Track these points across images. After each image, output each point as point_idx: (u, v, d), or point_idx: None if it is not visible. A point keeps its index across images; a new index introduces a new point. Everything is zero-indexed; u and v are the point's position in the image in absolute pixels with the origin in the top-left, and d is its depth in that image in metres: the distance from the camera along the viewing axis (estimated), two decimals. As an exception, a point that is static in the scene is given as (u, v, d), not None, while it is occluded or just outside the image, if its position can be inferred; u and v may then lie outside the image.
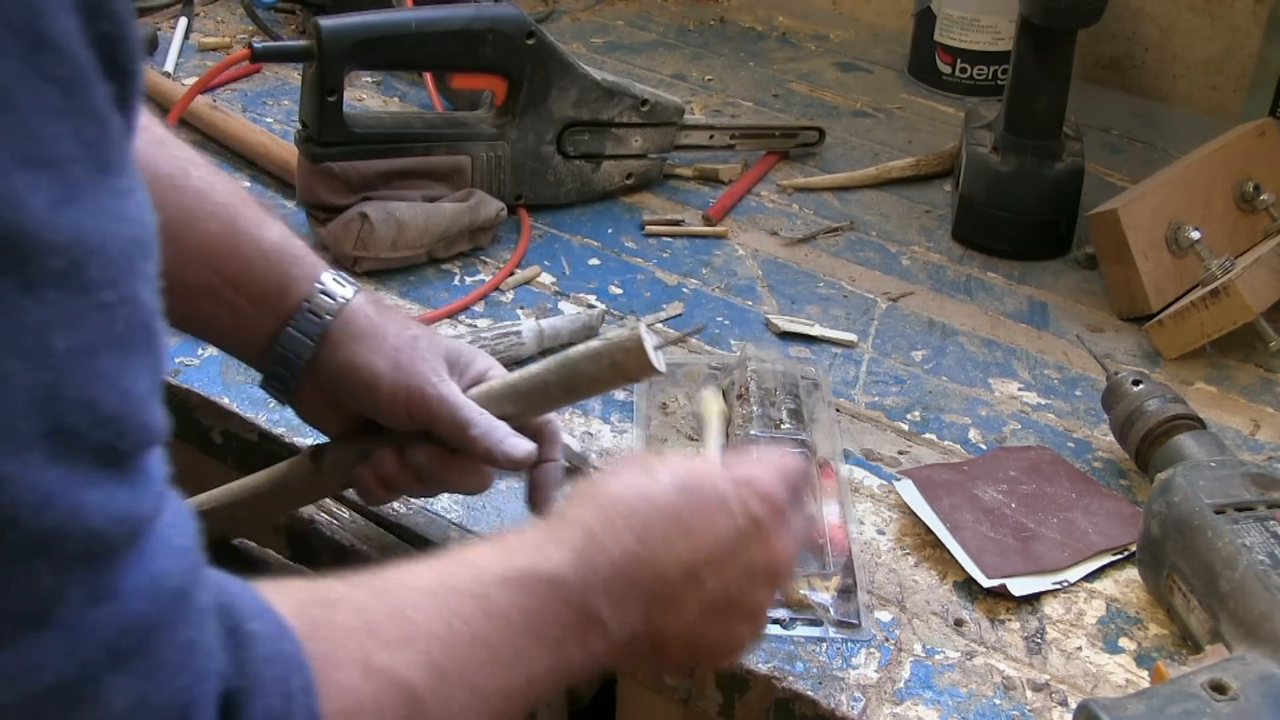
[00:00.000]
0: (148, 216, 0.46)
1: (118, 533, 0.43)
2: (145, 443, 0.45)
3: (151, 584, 0.45)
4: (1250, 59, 1.40)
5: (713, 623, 0.70)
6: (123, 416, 0.44)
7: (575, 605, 0.64)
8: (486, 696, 0.59)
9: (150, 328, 0.45)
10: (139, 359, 0.44)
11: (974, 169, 1.21)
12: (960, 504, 0.91)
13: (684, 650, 0.70)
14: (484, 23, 1.14)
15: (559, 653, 0.63)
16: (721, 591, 0.69)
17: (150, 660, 0.44)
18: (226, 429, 1.00)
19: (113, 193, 0.43)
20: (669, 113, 1.26)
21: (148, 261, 0.45)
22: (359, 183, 1.14)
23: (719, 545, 0.69)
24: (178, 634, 0.45)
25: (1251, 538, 0.79)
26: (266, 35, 1.49)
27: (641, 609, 0.67)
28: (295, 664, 0.50)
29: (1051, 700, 0.79)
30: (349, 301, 0.81)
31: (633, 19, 1.64)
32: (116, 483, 0.44)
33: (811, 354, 1.08)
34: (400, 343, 0.81)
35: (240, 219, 0.81)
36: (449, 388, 0.81)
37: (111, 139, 0.43)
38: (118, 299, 0.43)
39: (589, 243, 1.21)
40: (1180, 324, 1.07)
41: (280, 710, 0.49)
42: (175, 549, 0.46)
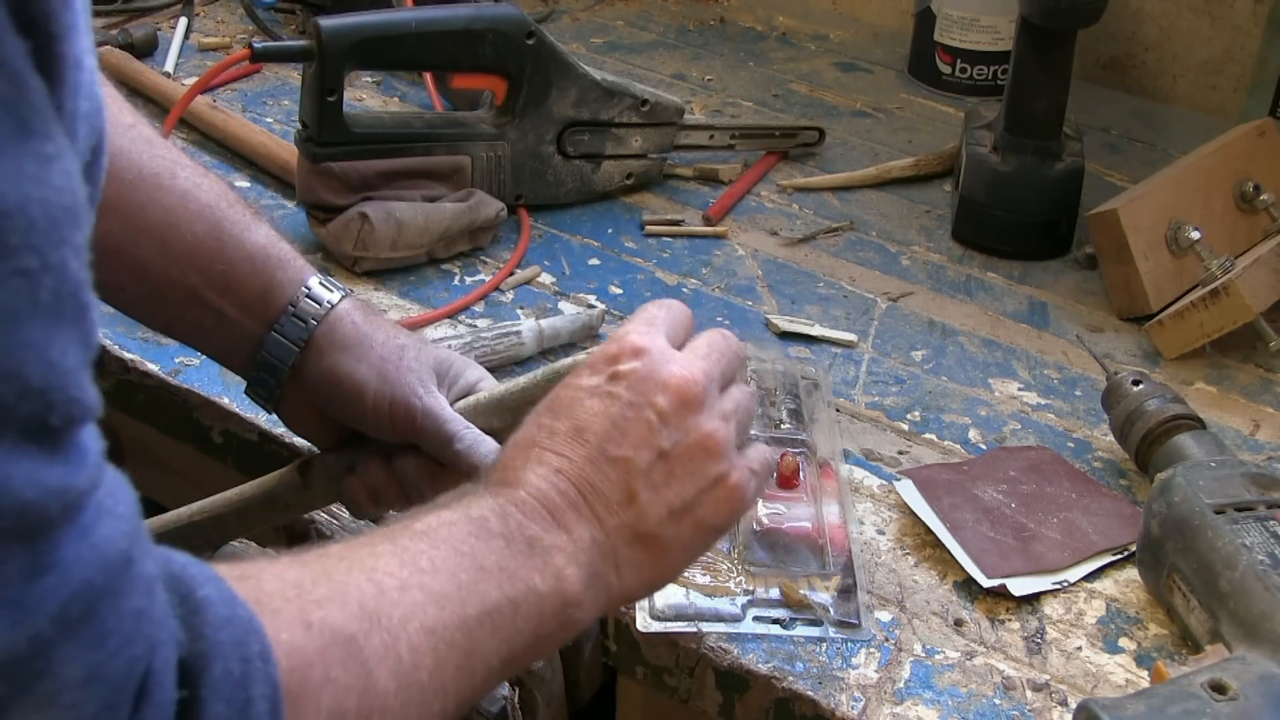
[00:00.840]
0: (76, 185, 0.44)
1: (53, 506, 0.42)
2: (77, 417, 0.43)
3: (93, 552, 0.44)
4: (1250, 59, 1.40)
5: (674, 484, 0.69)
6: (51, 389, 0.42)
7: (502, 534, 0.64)
8: (437, 631, 0.59)
9: (80, 300, 0.43)
10: (67, 330, 0.43)
11: (974, 169, 1.21)
12: (960, 504, 0.91)
13: (680, 527, 0.69)
14: (484, 23, 1.14)
15: (510, 579, 0.63)
16: (652, 454, 0.68)
17: (99, 629, 0.44)
18: (226, 429, 1.00)
19: (35, 156, 0.41)
20: (669, 113, 1.26)
21: (77, 231, 0.43)
22: (359, 183, 1.14)
23: (611, 421, 0.68)
24: (125, 602, 0.45)
25: (1251, 538, 0.79)
26: (266, 35, 1.49)
27: (586, 518, 0.67)
28: (251, 628, 0.50)
29: (1051, 700, 0.79)
30: (335, 307, 0.81)
31: (633, 19, 1.64)
32: (49, 457, 0.42)
33: (811, 354, 1.08)
34: (387, 352, 0.81)
35: (226, 221, 0.80)
36: (435, 400, 0.81)
37: (29, 99, 0.41)
38: (41, 265, 0.41)
39: (589, 243, 1.21)
40: (1180, 324, 1.07)
41: (240, 675, 0.49)
42: (115, 517, 0.45)
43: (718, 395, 0.72)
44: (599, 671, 0.88)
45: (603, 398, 0.69)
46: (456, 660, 0.60)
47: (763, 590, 0.85)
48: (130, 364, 1.03)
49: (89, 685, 0.43)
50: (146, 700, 0.45)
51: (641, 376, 0.69)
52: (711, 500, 0.70)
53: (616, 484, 0.68)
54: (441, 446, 0.79)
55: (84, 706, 0.43)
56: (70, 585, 0.43)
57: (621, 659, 0.87)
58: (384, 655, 0.56)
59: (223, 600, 0.50)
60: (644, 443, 0.68)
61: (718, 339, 0.74)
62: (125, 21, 1.51)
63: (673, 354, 0.71)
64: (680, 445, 0.69)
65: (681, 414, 0.69)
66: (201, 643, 0.48)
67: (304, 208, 1.17)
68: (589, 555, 0.66)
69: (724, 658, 0.82)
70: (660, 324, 0.72)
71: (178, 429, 1.04)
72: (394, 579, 0.59)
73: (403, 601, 0.58)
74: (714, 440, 0.70)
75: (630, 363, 0.69)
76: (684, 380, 0.69)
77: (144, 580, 0.46)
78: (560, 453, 0.68)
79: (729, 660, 0.82)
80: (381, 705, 0.56)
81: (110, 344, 1.04)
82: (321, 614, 0.55)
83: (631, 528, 0.68)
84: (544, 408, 0.71)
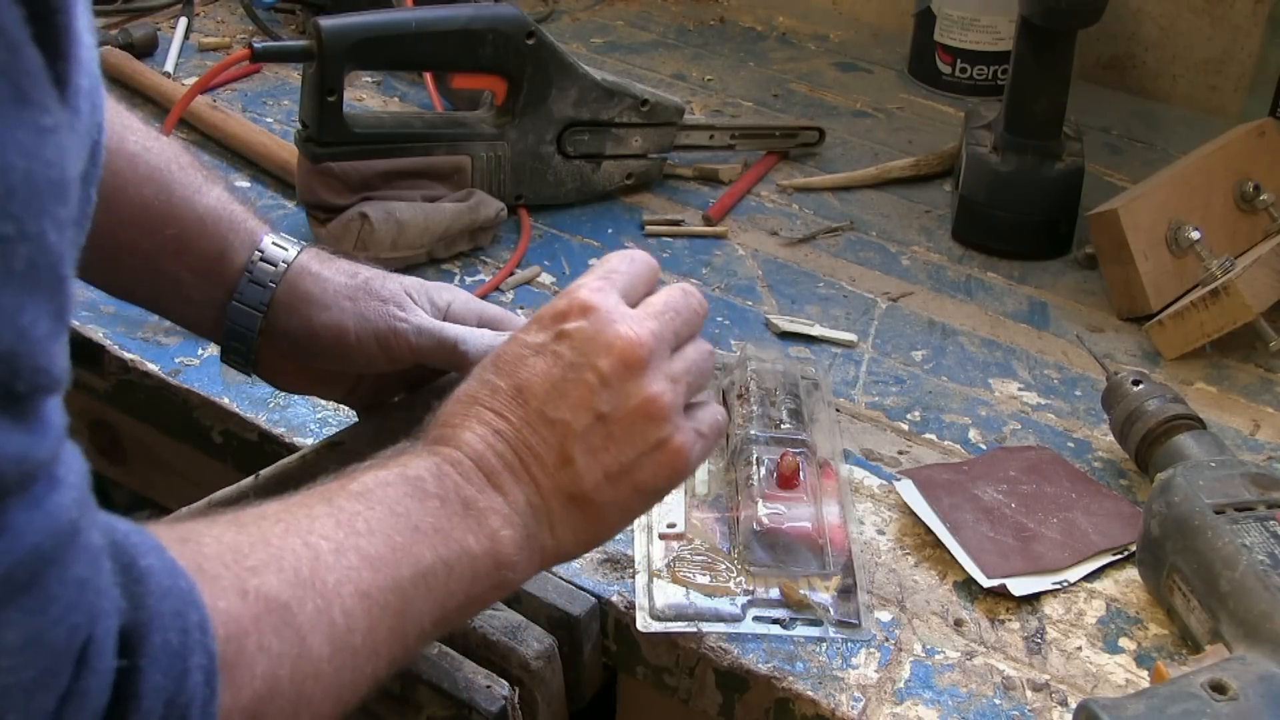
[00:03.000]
0: (70, 162, 0.44)
1: (11, 473, 0.42)
2: (43, 387, 0.43)
3: (44, 520, 0.44)
4: (1250, 59, 1.40)
5: (612, 448, 0.68)
6: (18, 355, 0.42)
7: (438, 495, 0.64)
8: (371, 594, 0.59)
9: (56, 272, 0.44)
10: (39, 300, 0.43)
11: (974, 169, 1.21)
12: (960, 504, 0.91)
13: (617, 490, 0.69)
14: (484, 23, 1.14)
15: (444, 540, 0.63)
16: (589, 418, 0.68)
17: (42, 595, 0.44)
18: (226, 429, 1.00)
19: (28, 128, 0.42)
20: (669, 113, 1.26)
21: (60, 205, 0.43)
22: (359, 183, 1.14)
23: (550, 382, 0.68)
24: (70, 570, 0.45)
25: (1251, 538, 0.79)
26: (266, 35, 1.49)
27: (520, 480, 0.67)
28: (190, 600, 0.50)
29: (1051, 700, 0.79)
30: (291, 264, 0.80)
31: (633, 19, 1.64)
32: (11, 425, 0.42)
33: (811, 354, 1.08)
34: (353, 290, 0.80)
35: (176, 184, 0.79)
36: (419, 317, 0.80)
37: (26, 68, 0.41)
38: (17, 233, 0.41)
39: (589, 243, 1.21)
40: (1180, 324, 1.07)
41: (178, 646, 0.49)
42: (67, 486, 0.45)
43: (667, 356, 0.70)
44: (599, 671, 0.88)
45: (546, 357, 0.68)
46: (389, 623, 0.61)
47: (763, 590, 0.85)
48: (130, 364, 1.03)
49: (27, 650, 0.43)
50: (86, 669, 0.45)
51: (587, 336, 0.68)
52: (651, 464, 0.69)
53: (553, 446, 0.67)
54: (448, 355, 0.79)
55: (21, 671, 0.43)
56: (18, 550, 0.43)
57: (621, 659, 0.87)
58: (318, 621, 0.57)
59: (164, 570, 0.50)
60: (582, 405, 0.68)
61: (676, 296, 0.73)
62: (125, 21, 1.51)
63: (622, 313, 0.70)
64: (620, 409, 0.68)
65: (624, 376, 0.68)
66: (142, 612, 0.48)
67: (304, 208, 1.17)
68: (524, 517, 0.67)
69: (724, 658, 0.82)
70: (618, 279, 0.71)
71: (178, 429, 1.04)
72: (329, 542, 0.59)
73: (337, 565, 0.59)
74: (657, 404, 0.69)
75: (577, 321, 0.69)
76: (629, 342, 0.68)
77: (90, 550, 0.46)
78: (499, 412, 0.68)
79: (729, 660, 0.82)
80: (315, 671, 0.56)
81: (110, 344, 1.04)
82: (257, 581, 0.55)
83: (567, 490, 0.68)
84: (489, 362, 0.70)
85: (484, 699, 0.79)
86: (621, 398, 0.68)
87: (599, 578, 0.87)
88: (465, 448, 0.67)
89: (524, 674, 0.82)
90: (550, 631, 0.84)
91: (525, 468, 0.67)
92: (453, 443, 0.67)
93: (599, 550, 0.88)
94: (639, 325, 0.69)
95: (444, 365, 0.80)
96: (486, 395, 0.68)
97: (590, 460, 0.68)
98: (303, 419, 0.98)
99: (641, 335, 0.69)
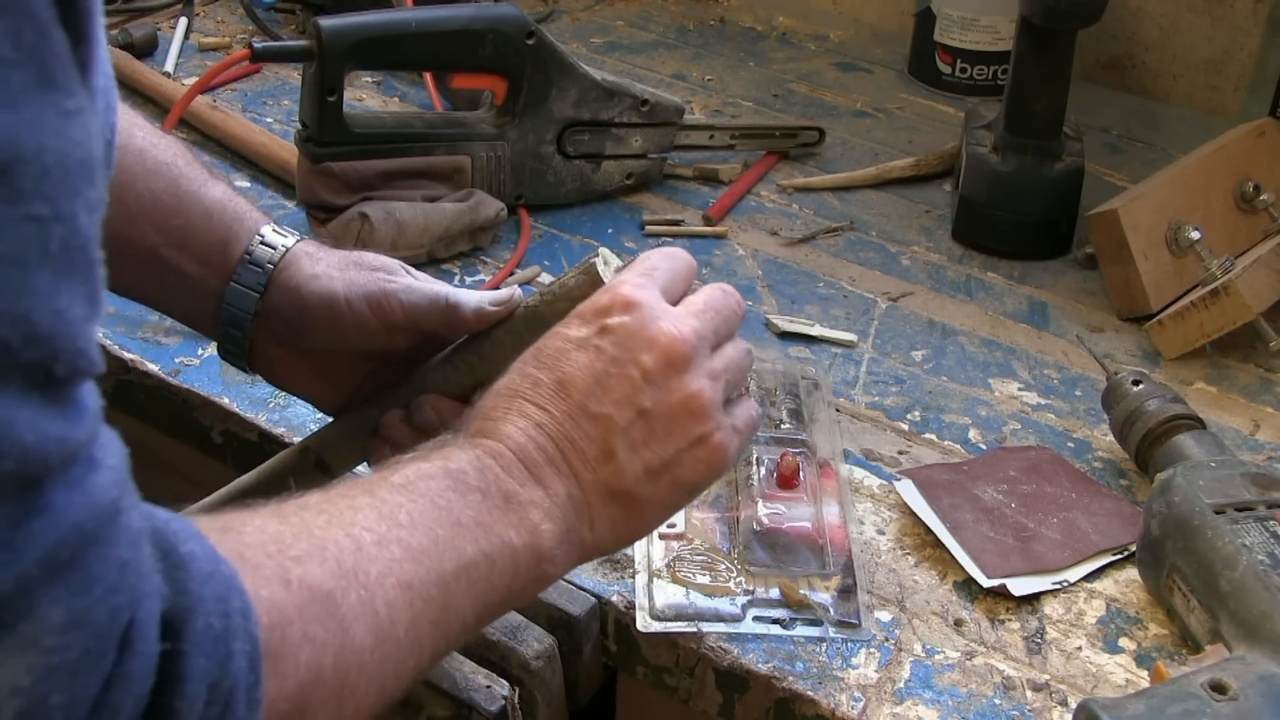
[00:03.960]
0: (95, 144, 0.44)
1: (53, 454, 0.43)
2: (81, 370, 0.44)
3: (84, 499, 0.44)
4: (1250, 59, 1.40)
5: (654, 444, 0.68)
6: (56, 337, 0.42)
7: (479, 488, 0.64)
8: (414, 586, 0.59)
9: (88, 255, 0.44)
10: (74, 283, 0.43)
11: (974, 169, 1.21)
12: (960, 504, 0.91)
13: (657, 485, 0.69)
14: (484, 23, 1.14)
15: (486, 534, 0.63)
16: (632, 413, 0.68)
17: (85, 575, 0.44)
18: (226, 429, 1.00)
19: (56, 109, 0.42)
20: (669, 113, 1.26)
21: (91, 187, 0.44)
22: (359, 183, 1.14)
23: (594, 377, 0.68)
24: (111, 550, 0.45)
25: (1251, 538, 0.79)
26: (266, 35, 1.49)
27: (563, 474, 0.67)
28: (232, 585, 0.51)
29: (1051, 700, 0.79)
30: (290, 250, 0.81)
31: (633, 19, 1.64)
32: (51, 408, 0.43)
33: (811, 354, 1.08)
34: (344, 263, 0.81)
35: (183, 178, 0.80)
36: (407, 279, 0.80)
37: (55, 51, 0.42)
38: (52, 214, 0.42)
39: (589, 243, 1.21)
40: (1180, 324, 1.07)
41: (221, 630, 0.49)
42: (107, 468, 0.45)
43: (708, 354, 0.71)
44: (599, 671, 0.88)
45: (589, 351, 0.69)
46: (432, 615, 0.61)
47: (763, 590, 0.85)
48: (130, 364, 1.03)
49: (71, 630, 0.43)
50: (129, 651, 0.45)
51: (630, 332, 0.69)
52: (691, 459, 0.70)
53: (595, 441, 0.68)
54: (441, 312, 0.79)
55: (66, 651, 0.43)
56: (59, 529, 0.43)
57: (621, 659, 0.87)
58: (361, 611, 0.57)
59: (205, 556, 0.50)
60: (625, 401, 0.68)
61: (716, 295, 0.73)
62: (125, 21, 1.51)
63: (664, 310, 0.70)
64: (662, 405, 0.68)
65: (666, 373, 0.69)
66: (184, 597, 0.48)
67: (304, 208, 1.17)
68: (564, 511, 0.67)
69: (724, 658, 0.82)
70: (659, 276, 0.72)
71: (178, 429, 1.04)
72: (372, 534, 0.59)
73: (380, 557, 0.59)
74: (699, 401, 0.69)
75: (620, 316, 0.69)
76: (672, 339, 0.69)
77: (130, 532, 0.46)
78: (542, 406, 0.68)
79: (729, 660, 0.82)
80: (358, 661, 0.56)
81: (110, 344, 1.04)
82: (300, 570, 0.55)
83: (607, 484, 0.68)
84: (531, 355, 0.70)
85: (484, 699, 0.79)
86: (664, 393, 0.68)
87: (599, 578, 0.87)
88: (507, 440, 0.67)
89: (524, 674, 0.82)
90: (550, 631, 0.84)
91: (567, 461, 0.67)
92: (494, 435, 0.67)
93: (599, 550, 0.88)
94: (681, 323, 0.70)
95: (438, 326, 0.80)
96: (528, 388, 0.68)
97: (631, 455, 0.68)
98: (302, 419, 0.98)
99: (684, 332, 0.69)
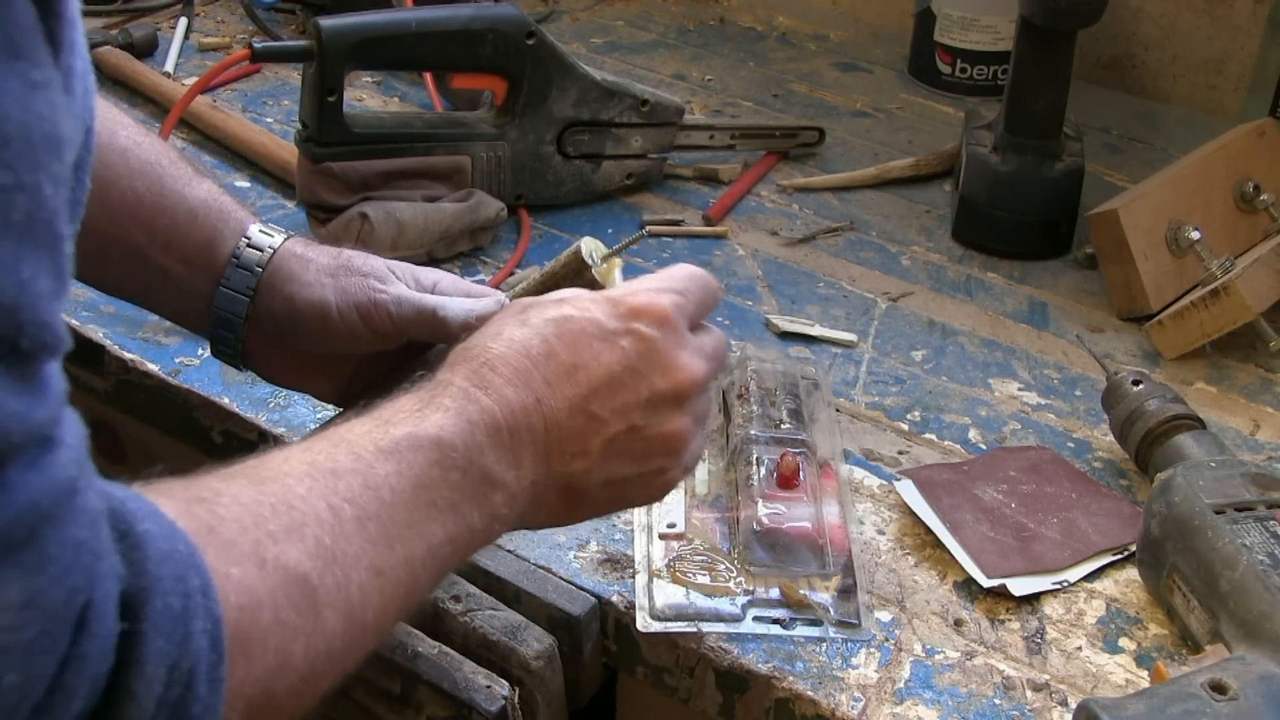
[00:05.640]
0: (62, 119, 0.44)
1: (14, 431, 0.42)
2: (46, 345, 0.43)
3: (40, 478, 0.43)
4: (1250, 59, 1.40)
5: (625, 460, 0.69)
6: (20, 309, 0.42)
7: (461, 466, 0.63)
8: (385, 572, 0.59)
9: (54, 229, 0.43)
10: (39, 255, 0.42)
11: (974, 169, 1.21)
12: (960, 504, 0.91)
13: (606, 493, 0.70)
14: (484, 23, 1.14)
15: (455, 516, 0.63)
16: (624, 425, 0.68)
17: (40, 555, 0.43)
18: (226, 429, 1.00)
19: (20, 80, 0.41)
20: (669, 113, 1.26)
21: (55, 161, 0.43)
22: (359, 183, 1.14)
23: (608, 377, 0.68)
24: (68, 531, 0.44)
25: (1251, 538, 0.79)
26: (266, 35, 1.49)
27: (538, 458, 0.67)
28: (191, 563, 0.50)
29: (1051, 700, 0.79)
30: (276, 250, 0.80)
31: (633, 19, 1.64)
32: (15, 384, 0.42)
33: (811, 354, 1.08)
34: (335, 267, 0.81)
35: (167, 177, 0.80)
36: (399, 288, 0.80)
37: (18, 21, 0.41)
38: (14, 184, 0.41)
39: (589, 243, 1.21)
40: (1180, 324, 1.07)
41: (180, 610, 0.48)
42: (65, 447, 0.45)
43: (702, 397, 0.72)
44: (599, 671, 0.88)
45: (612, 349, 0.69)
46: (399, 600, 0.61)
47: (763, 590, 0.85)
48: (130, 364, 1.03)
49: (26, 610, 0.43)
50: (86, 632, 0.45)
51: (655, 349, 0.69)
52: (644, 485, 0.72)
53: (580, 437, 0.68)
54: (427, 322, 0.79)
55: (20, 631, 0.43)
56: (15, 507, 0.43)
57: (621, 659, 0.87)
58: (335, 596, 0.56)
59: (163, 535, 0.50)
60: (623, 412, 0.68)
61: (722, 345, 0.75)
62: (125, 21, 1.51)
63: (688, 339, 0.71)
64: (651, 429, 0.70)
65: (668, 402, 0.70)
66: (142, 578, 0.48)
67: (304, 208, 1.17)
68: (524, 497, 0.67)
69: (724, 658, 0.82)
70: (692, 300, 0.72)
71: (178, 429, 1.04)
72: (353, 507, 0.58)
73: (357, 536, 0.58)
74: (679, 440, 0.71)
75: (650, 327, 0.69)
76: (687, 375, 0.70)
77: (88, 512, 0.46)
78: (549, 383, 0.67)
79: (729, 660, 0.82)
80: (328, 647, 0.56)
81: (110, 344, 1.04)
82: (277, 550, 0.54)
83: (569, 480, 0.68)
84: (554, 319, 0.69)
85: (484, 699, 0.79)
86: (656, 420, 0.69)
87: (599, 578, 0.87)
88: (502, 405, 0.66)
89: (524, 674, 0.82)
90: (550, 631, 0.84)
91: (547, 447, 0.67)
92: (494, 393, 0.66)
93: (599, 550, 0.88)
94: (696, 361, 0.71)
95: (426, 336, 0.80)
96: (541, 357, 0.68)
97: (602, 462, 0.69)
98: (302, 419, 0.98)
99: (697, 373, 0.71)
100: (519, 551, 0.88)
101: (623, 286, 0.73)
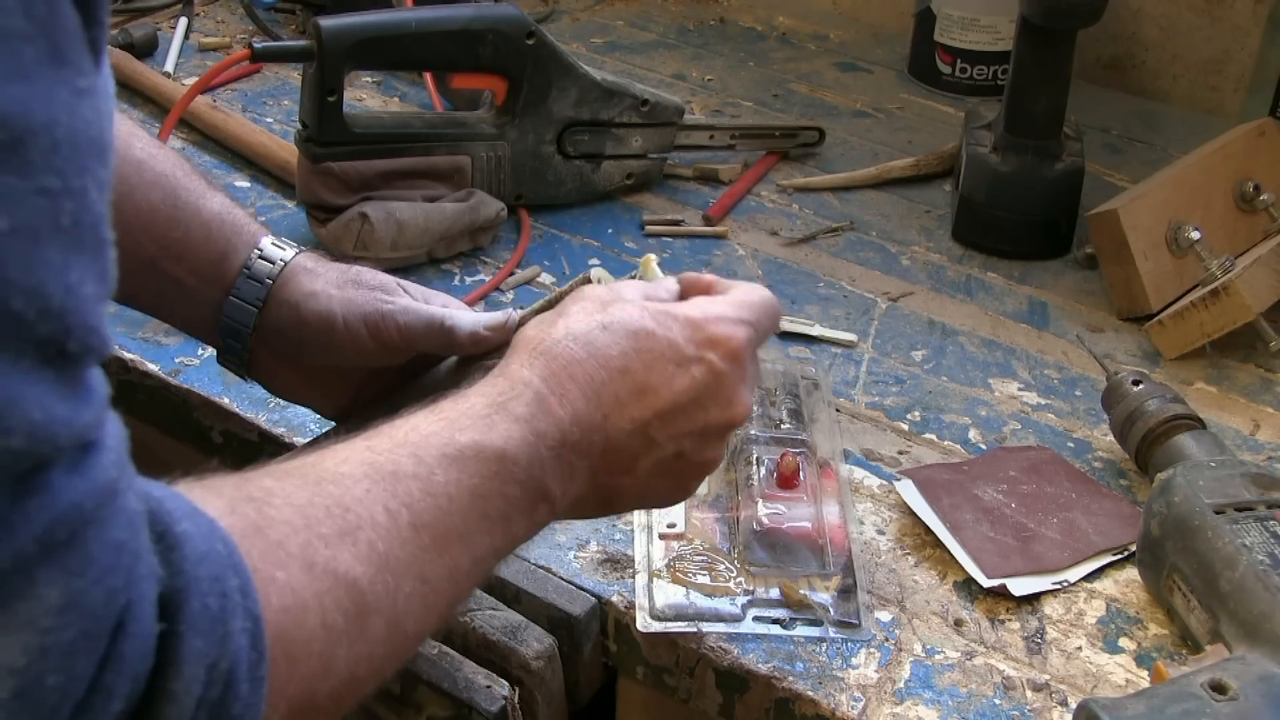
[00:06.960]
0: (106, 124, 0.44)
1: (60, 434, 0.42)
2: (92, 349, 0.43)
3: (83, 480, 0.44)
4: (1250, 59, 1.40)
5: (664, 479, 0.70)
6: (69, 312, 0.42)
7: (522, 481, 0.63)
8: (430, 580, 0.59)
9: (99, 234, 0.44)
10: (85, 259, 0.43)
11: (974, 169, 1.21)
12: (960, 504, 0.91)
13: (632, 501, 0.72)
14: (484, 23, 1.14)
15: (505, 527, 0.63)
16: (674, 450, 0.69)
17: (82, 555, 0.43)
18: (226, 429, 1.00)
19: (68, 86, 0.42)
20: (669, 113, 1.26)
21: (101, 167, 0.44)
22: (359, 183, 1.14)
23: (675, 403, 0.68)
24: (109, 532, 0.45)
25: (1251, 538, 0.79)
26: (266, 35, 1.49)
27: (589, 473, 0.67)
28: (230, 564, 0.50)
29: (1051, 700, 0.79)
30: (288, 264, 0.81)
31: (633, 19, 1.64)
32: (62, 388, 0.42)
33: (811, 354, 1.08)
34: (342, 280, 0.81)
35: (181, 189, 0.80)
36: (404, 299, 0.80)
37: (65, 27, 0.42)
38: (63, 189, 0.41)
39: (589, 243, 1.21)
40: (1180, 324, 1.07)
41: (217, 611, 0.48)
42: (106, 449, 0.45)
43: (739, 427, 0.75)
44: (599, 671, 0.88)
45: (683, 377, 0.69)
46: (440, 609, 0.60)
47: (763, 590, 0.85)
48: (130, 364, 1.03)
49: (67, 611, 0.43)
50: (124, 634, 0.45)
51: (722, 383, 0.70)
52: (662, 497, 0.74)
53: (631, 456, 0.68)
54: (434, 334, 0.79)
55: (61, 632, 0.43)
56: (58, 507, 0.43)
57: (621, 659, 0.87)
58: (383, 602, 0.56)
59: (200, 535, 0.50)
60: (678, 438, 0.69)
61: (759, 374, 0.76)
62: (125, 21, 1.51)
63: (750, 375, 0.72)
64: (693, 457, 0.71)
65: (718, 434, 0.71)
66: (180, 578, 0.48)
67: (304, 208, 1.17)
68: (563, 506, 0.67)
69: (724, 658, 0.82)
70: (761, 334, 0.74)
71: (178, 429, 1.04)
72: (410, 513, 0.58)
73: (411, 543, 0.58)
74: (710, 467, 0.73)
75: (724, 362, 0.70)
76: (741, 412, 0.72)
77: (128, 513, 0.46)
78: (619, 399, 0.67)
79: (729, 660, 0.82)
80: (369, 653, 0.56)
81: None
82: (328, 554, 0.54)
83: (609, 492, 0.69)
84: (632, 332, 0.68)
85: (484, 699, 0.79)
86: (699, 449, 0.71)
87: (599, 578, 0.87)
88: (573, 419, 0.65)
89: (524, 674, 0.82)
90: (550, 631, 0.84)
91: (603, 462, 0.67)
92: (567, 404, 0.65)
93: (599, 550, 0.88)
94: (750, 397, 0.72)
95: (433, 347, 0.80)
96: (618, 374, 0.67)
97: (641, 480, 0.70)
98: (302, 419, 0.98)
99: (748, 409, 0.72)
100: (519, 551, 0.88)
101: (704, 306, 0.72)
